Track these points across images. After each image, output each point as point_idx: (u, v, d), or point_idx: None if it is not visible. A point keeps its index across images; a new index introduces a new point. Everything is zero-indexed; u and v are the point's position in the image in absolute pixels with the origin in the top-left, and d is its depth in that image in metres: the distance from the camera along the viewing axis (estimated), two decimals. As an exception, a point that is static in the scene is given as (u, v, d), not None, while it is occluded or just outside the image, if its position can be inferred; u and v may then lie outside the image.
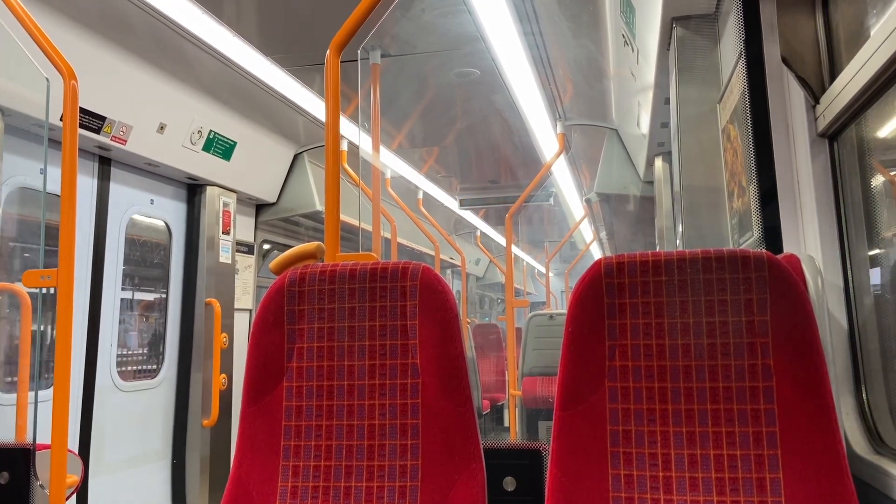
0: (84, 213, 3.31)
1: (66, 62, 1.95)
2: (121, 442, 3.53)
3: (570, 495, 1.15)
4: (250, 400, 1.29)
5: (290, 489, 1.24)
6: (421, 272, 1.27)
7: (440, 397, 1.22)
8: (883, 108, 1.37)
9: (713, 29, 2.18)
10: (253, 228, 4.71)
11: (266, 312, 1.32)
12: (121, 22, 2.78)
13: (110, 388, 3.45)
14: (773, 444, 1.09)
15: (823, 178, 1.52)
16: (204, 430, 3.91)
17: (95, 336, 3.35)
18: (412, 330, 1.26)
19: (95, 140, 3.07)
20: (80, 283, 3.26)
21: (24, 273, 1.94)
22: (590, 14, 2.89)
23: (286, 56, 3.27)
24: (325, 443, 1.25)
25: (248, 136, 4.04)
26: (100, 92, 2.95)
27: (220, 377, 3.94)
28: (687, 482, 1.11)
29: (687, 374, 1.15)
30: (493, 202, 6.35)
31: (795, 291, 1.12)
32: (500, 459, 1.49)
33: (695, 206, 2.26)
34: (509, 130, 4.48)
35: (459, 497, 1.18)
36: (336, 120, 1.58)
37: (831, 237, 1.49)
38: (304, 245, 1.49)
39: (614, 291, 1.19)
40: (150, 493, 3.77)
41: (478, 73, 3.47)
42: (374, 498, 1.21)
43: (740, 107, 1.78)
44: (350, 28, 1.57)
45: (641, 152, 3.85)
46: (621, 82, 3.54)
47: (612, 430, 1.16)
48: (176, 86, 3.34)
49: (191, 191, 4.06)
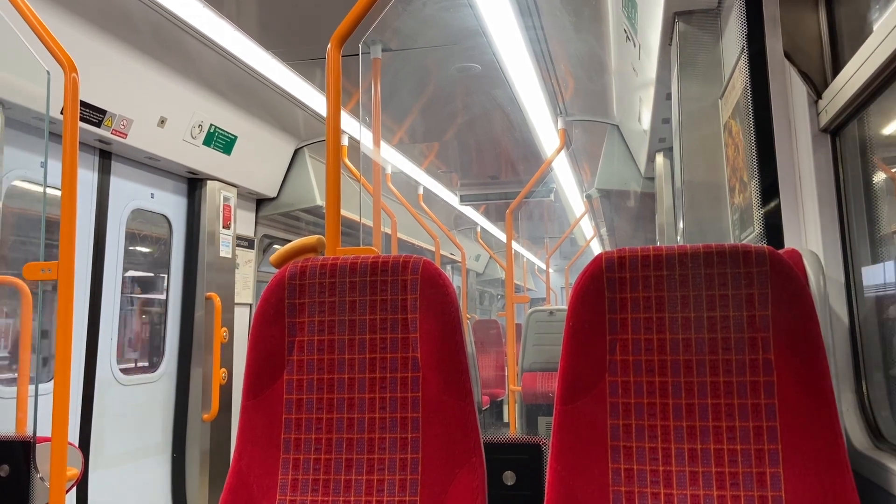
0: (85, 206, 3.31)
1: (67, 55, 1.95)
2: (121, 435, 3.54)
3: (570, 489, 1.15)
4: (251, 393, 1.29)
5: (290, 482, 1.24)
6: (422, 266, 1.27)
7: (441, 391, 1.22)
8: (885, 103, 1.37)
9: (715, 24, 2.17)
10: (253, 223, 4.71)
11: (267, 306, 1.32)
12: (121, 15, 2.77)
13: (110, 382, 3.45)
14: (774, 438, 1.09)
15: (825, 174, 1.52)
16: (204, 424, 3.91)
17: (96, 329, 3.35)
18: (413, 324, 1.26)
19: (96, 133, 3.06)
20: (81, 277, 3.26)
21: (24, 266, 1.93)
22: (591, 9, 2.88)
23: (287, 50, 3.26)
24: (325, 436, 1.25)
25: (248, 130, 4.03)
26: (100, 85, 2.94)
27: (220, 371, 3.94)
28: (687, 476, 1.11)
29: (687, 368, 1.15)
30: (493, 198, 6.35)
31: (796, 286, 1.12)
32: (501, 454, 1.49)
33: (696, 202, 2.26)
34: (510, 126, 4.48)
35: (459, 490, 1.18)
36: (337, 114, 1.57)
37: (833, 232, 1.49)
38: (304, 238, 1.49)
39: (615, 286, 1.19)
40: (151, 487, 3.78)
41: (479, 67, 3.47)
42: (374, 491, 1.21)
43: (742, 102, 1.77)
44: (351, 22, 1.57)
45: (642, 148, 3.84)
46: (623, 78, 3.54)
47: (613, 425, 1.16)
48: (176, 80, 3.33)
49: (191, 185, 4.06)
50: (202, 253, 4.00)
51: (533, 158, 5.22)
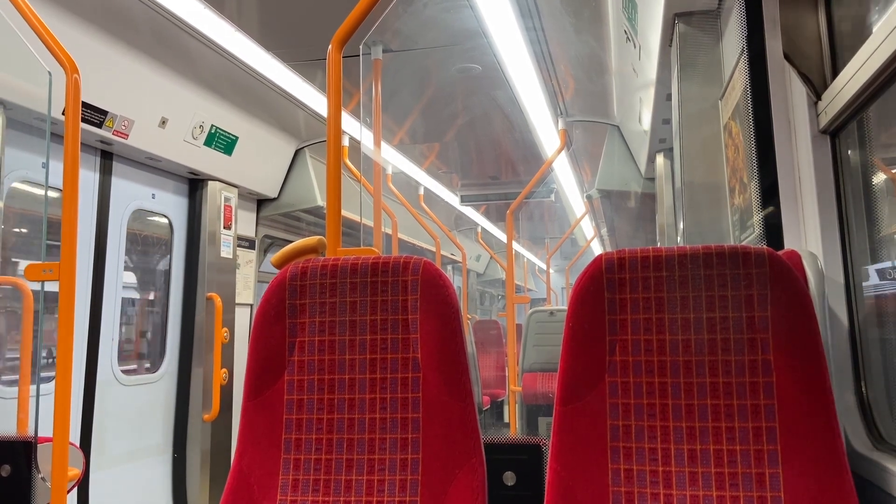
0: (86, 207, 3.32)
1: (69, 56, 1.95)
2: (122, 435, 3.54)
3: (569, 490, 1.15)
4: (252, 393, 1.30)
5: (290, 482, 1.24)
6: (422, 267, 1.28)
7: (441, 392, 1.23)
8: (885, 105, 1.37)
9: (715, 25, 2.18)
10: (254, 223, 4.71)
11: (268, 306, 1.32)
12: (122, 16, 2.78)
13: (111, 382, 3.45)
14: (773, 439, 1.09)
15: (825, 175, 1.52)
16: (205, 425, 3.92)
17: (97, 329, 3.35)
18: (413, 324, 1.26)
19: (97, 134, 3.07)
20: (82, 277, 3.27)
21: (25, 267, 1.94)
22: (592, 10, 2.89)
23: (288, 51, 3.26)
24: (325, 436, 1.26)
25: (249, 131, 4.04)
26: (102, 86, 2.95)
27: (220, 372, 3.95)
28: (687, 477, 1.12)
29: (687, 369, 1.15)
30: (494, 198, 6.35)
31: (796, 287, 1.12)
32: (501, 454, 1.49)
33: (696, 203, 2.26)
34: (510, 126, 4.48)
35: (459, 491, 1.18)
36: (337, 115, 1.58)
37: (832, 233, 1.49)
38: (305, 239, 1.49)
39: (615, 287, 1.20)
40: (151, 487, 3.78)
41: (479, 68, 3.47)
42: (374, 491, 1.22)
43: (742, 103, 1.78)
44: (352, 23, 1.57)
45: (643, 149, 3.85)
46: (623, 78, 3.54)
47: (612, 425, 1.17)
48: (178, 80, 3.34)
49: (192, 185, 4.07)
50: (203, 253, 4.01)
51: (533, 159, 5.23)
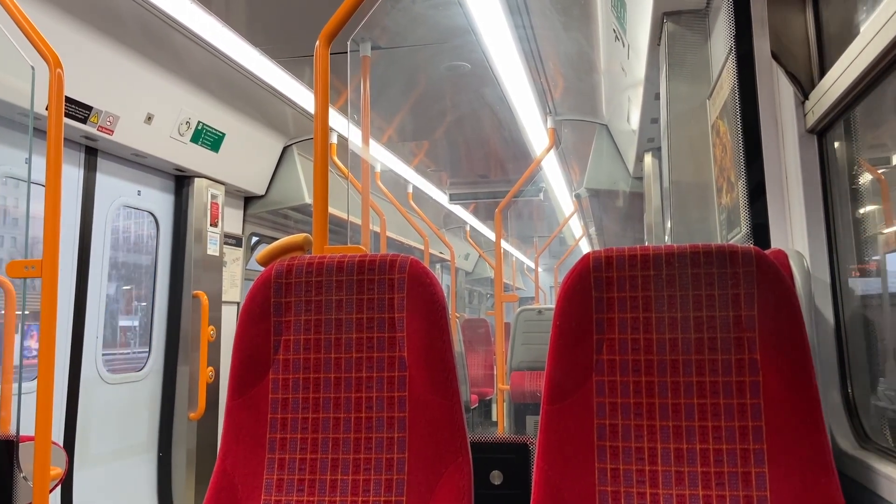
0: (70, 204, 3.28)
1: (52, 50, 1.92)
2: (106, 434, 3.51)
3: (556, 489, 1.15)
4: (236, 392, 1.28)
5: (275, 482, 1.23)
6: (409, 265, 1.27)
7: (427, 390, 1.22)
8: (871, 104, 1.37)
9: (704, 24, 2.18)
10: (241, 221, 4.68)
11: (252, 304, 1.31)
12: (108, 10, 2.75)
13: (96, 380, 3.42)
14: (759, 438, 1.09)
15: (812, 174, 1.52)
16: (190, 423, 3.89)
17: (81, 327, 3.32)
18: (399, 323, 1.25)
19: (81, 130, 3.04)
20: (66, 275, 3.23)
21: (7, 263, 1.91)
22: (581, 8, 2.88)
23: (275, 47, 3.24)
24: (311, 435, 1.25)
25: (236, 127, 4.01)
26: (86, 81, 2.91)
27: (206, 370, 3.92)
28: (673, 476, 1.12)
29: (674, 368, 1.15)
30: (482, 197, 6.35)
31: (783, 286, 1.12)
32: (487, 453, 1.49)
33: (683, 202, 2.26)
34: (499, 125, 4.48)
35: (446, 490, 1.17)
36: (325, 112, 1.56)
37: (819, 233, 1.49)
38: (291, 237, 1.48)
39: (602, 285, 1.19)
40: (136, 486, 3.75)
41: (468, 66, 3.46)
42: (360, 491, 1.21)
43: (730, 102, 1.78)
44: (340, 19, 1.56)
45: (631, 148, 3.85)
46: (612, 77, 3.54)
47: (599, 424, 1.16)
48: (164, 76, 3.30)
49: (178, 182, 4.03)
50: (189, 251, 3.98)
51: (522, 157, 5.23)
